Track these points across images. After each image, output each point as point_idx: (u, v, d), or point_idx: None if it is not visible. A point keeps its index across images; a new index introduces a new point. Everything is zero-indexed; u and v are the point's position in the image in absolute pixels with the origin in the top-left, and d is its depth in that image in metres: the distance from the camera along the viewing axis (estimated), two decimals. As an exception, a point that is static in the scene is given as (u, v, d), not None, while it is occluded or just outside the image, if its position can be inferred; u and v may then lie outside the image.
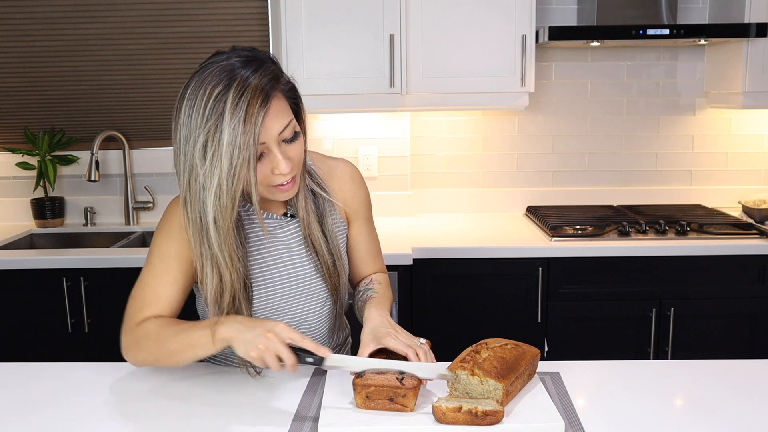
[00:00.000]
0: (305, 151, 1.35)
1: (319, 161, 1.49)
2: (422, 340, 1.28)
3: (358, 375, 1.21)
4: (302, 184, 1.37)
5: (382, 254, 1.60)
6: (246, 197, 1.38)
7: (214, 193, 1.19)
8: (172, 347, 1.29)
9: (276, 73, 1.25)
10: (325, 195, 1.43)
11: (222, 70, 1.19)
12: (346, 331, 1.64)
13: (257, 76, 1.20)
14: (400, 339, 1.26)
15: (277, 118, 1.22)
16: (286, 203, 1.42)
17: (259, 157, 1.24)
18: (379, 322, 1.31)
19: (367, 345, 1.26)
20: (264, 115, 1.19)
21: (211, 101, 1.17)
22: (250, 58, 1.23)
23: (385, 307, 1.39)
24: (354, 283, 1.57)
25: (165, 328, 1.30)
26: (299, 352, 1.21)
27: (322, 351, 1.21)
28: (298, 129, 1.28)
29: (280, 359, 1.20)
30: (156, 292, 1.35)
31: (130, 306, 1.37)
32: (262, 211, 1.41)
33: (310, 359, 1.21)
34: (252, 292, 1.39)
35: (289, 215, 1.42)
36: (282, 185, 1.28)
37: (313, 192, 1.42)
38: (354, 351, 1.60)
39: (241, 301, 1.34)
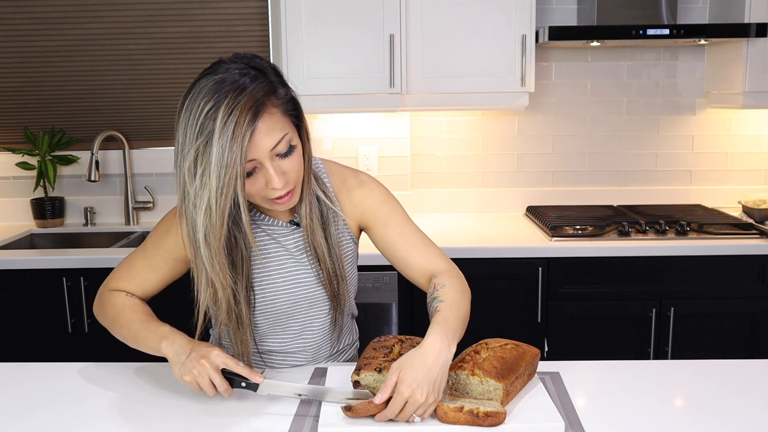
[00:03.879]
0: (308, 161, 1.33)
1: (335, 171, 1.47)
2: (417, 419, 1.16)
3: (348, 408, 1.17)
4: (307, 192, 1.36)
5: (437, 249, 1.45)
6: (254, 206, 1.39)
7: (204, 211, 1.20)
8: (124, 332, 1.39)
9: (273, 85, 1.23)
10: (329, 203, 1.41)
11: (215, 85, 1.18)
12: (354, 337, 1.63)
13: (250, 90, 1.18)
14: (404, 396, 1.14)
15: (267, 134, 1.20)
16: (293, 210, 1.42)
17: (252, 171, 1.23)
18: (420, 359, 1.16)
19: (391, 377, 1.16)
20: (252, 132, 1.18)
21: (201, 118, 1.17)
22: (248, 69, 1.22)
23: (445, 328, 1.23)
24: (423, 285, 1.44)
25: (127, 311, 1.40)
26: (234, 377, 1.24)
27: (255, 377, 1.23)
28: (294, 142, 1.26)
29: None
30: (138, 272, 1.45)
31: (114, 271, 1.48)
32: (269, 218, 1.41)
33: (244, 384, 1.24)
34: (255, 296, 1.40)
35: (294, 223, 1.42)
36: (279, 198, 1.27)
37: (318, 199, 1.40)
38: (360, 356, 1.60)
39: (241, 304, 1.34)
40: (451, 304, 1.30)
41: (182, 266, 1.44)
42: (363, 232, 1.52)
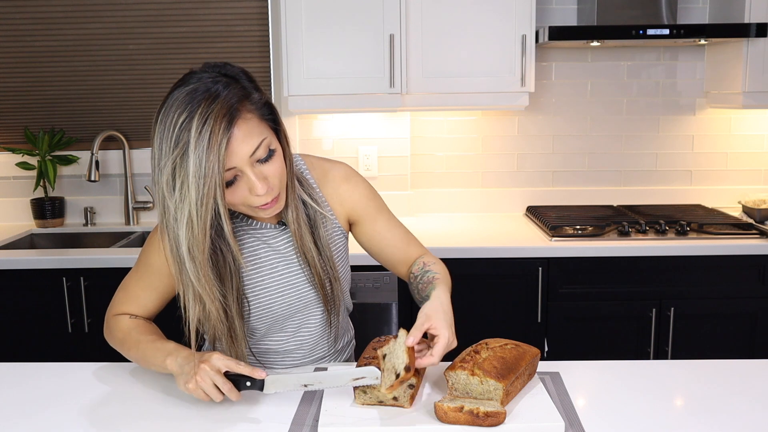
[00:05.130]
0: (289, 164, 1.31)
1: (315, 165, 1.47)
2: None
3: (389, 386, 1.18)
4: (292, 196, 1.34)
5: (416, 239, 1.55)
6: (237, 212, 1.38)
7: (186, 224, 1.17)
8: (132, 353, 1.39)
9: (246, 90, 1.21)
10: (315, 207, 1.40)
11: (188, 95, 1.16)
12: (350, 334, 1.63)
13: (223, 98, 1.16)
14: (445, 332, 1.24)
15: (245, 140, 1.18)
16: (279, 214, 1.40)
17: (233, 180, 1.21)
18: (443, 309, 1.28)
19: (423, 323, 1.24)
20: (228, 140, 1.15)
21: (176, 130, 1.15)
22: (220, 76, 1.20)
23: (448, 289, 1.39)
24: (403, 273, 1.53)
25: (133, 333, 1.40)
26: (238, 378, 1.22)
27: (257, 374, 1.22)
28: (273, 146, 1.24)
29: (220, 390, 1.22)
30: (136, 294, 1.44)
31: (115, 296, 1.47)
32: (256, 222, 1.40)
33: (249, 383, 1.23)
34: (249, 302, 1.39)
35: (282, 223, 1.40)
36: (264, 205, 1.25)
37: (304, 202, 1.39)
38: (357, 353, 1.61)
39: (234, 317, 1.33)
40: (444, 277, 1.43)
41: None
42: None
